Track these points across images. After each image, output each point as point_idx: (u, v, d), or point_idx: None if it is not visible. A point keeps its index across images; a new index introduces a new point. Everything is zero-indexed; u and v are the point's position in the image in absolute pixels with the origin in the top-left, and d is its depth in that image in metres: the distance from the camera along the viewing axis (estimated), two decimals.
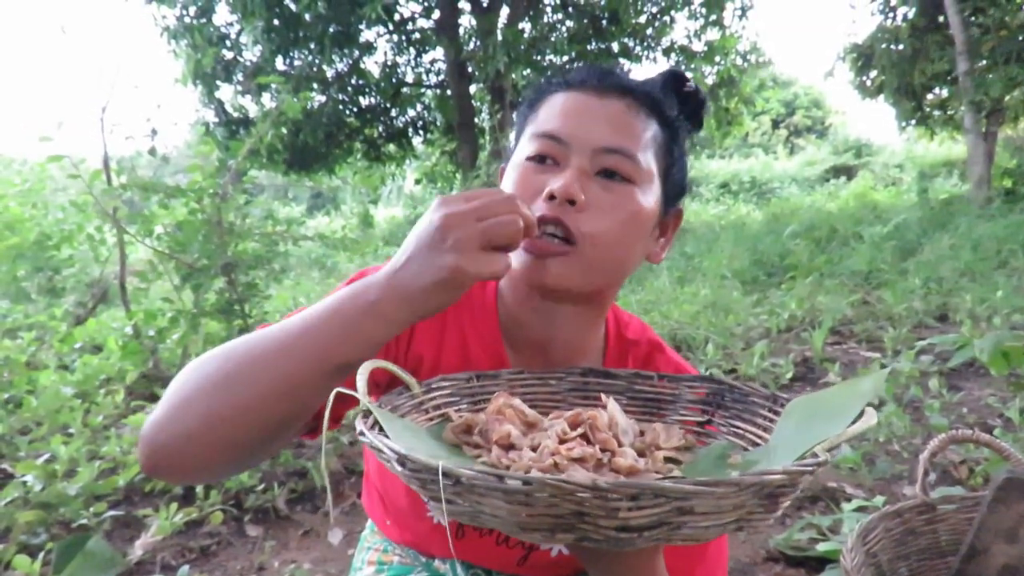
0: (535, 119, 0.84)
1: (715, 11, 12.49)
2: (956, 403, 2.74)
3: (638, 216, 0.80)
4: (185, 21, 9.91)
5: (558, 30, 12.69)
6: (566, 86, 0.84)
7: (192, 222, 2.42)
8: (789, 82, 27.68)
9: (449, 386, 0.79)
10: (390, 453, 0.53)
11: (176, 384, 0.69)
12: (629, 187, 0.78)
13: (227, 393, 0.66)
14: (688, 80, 0.91)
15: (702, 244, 6.68)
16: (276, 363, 0.66)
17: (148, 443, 0.67)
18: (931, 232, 6.50)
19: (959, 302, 4.23)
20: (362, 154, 13.05)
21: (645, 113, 0.82)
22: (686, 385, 0.84)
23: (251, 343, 0.69)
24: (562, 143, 0.79)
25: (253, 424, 0.66)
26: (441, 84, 12.88)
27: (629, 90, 0.82)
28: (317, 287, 5.80)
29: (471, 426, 0.70)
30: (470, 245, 0.62)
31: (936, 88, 11.52)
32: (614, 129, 0.79)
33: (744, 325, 3.96)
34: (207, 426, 0.66)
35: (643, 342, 0.98)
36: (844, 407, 0.62)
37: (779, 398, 0.74)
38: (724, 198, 18.00)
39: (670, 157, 0.84)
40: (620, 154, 0.78)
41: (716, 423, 0.79)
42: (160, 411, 0.68)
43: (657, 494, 0.47)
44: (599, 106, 0.80)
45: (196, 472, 0.73)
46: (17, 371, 3.42)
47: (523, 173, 0.81)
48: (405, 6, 12.05)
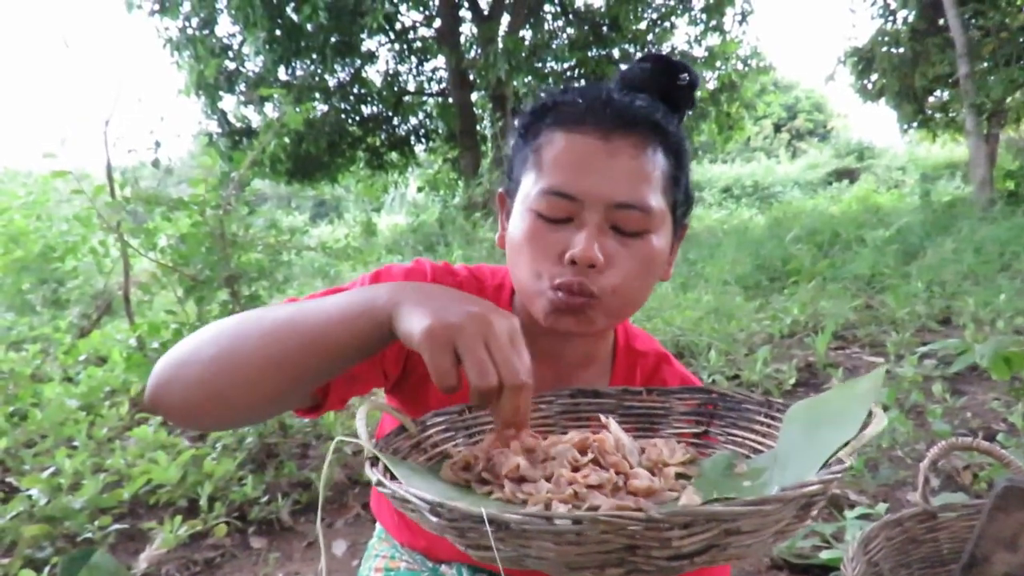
0: (539, 163, 0.81)
1: (715, 16, 12.53)
2: (959, 408, 2.73)
3: (654, 261, 0.81)
4: (188, 33, 9.98)
5: (559, 37, 12.74)
6: (567, 124, 0.80)
7: (195, 235, 2.43)
8: (790, 86, 27.69)
9: (443, 421, 0.78)
10: (421, 504, 0.50)
11: (191, 336, 0.73)
12: (645, 238, 0.79)
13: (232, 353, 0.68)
14: (680, 71, 0.87)
15: (704, 250, 6.68)
16: (280, 337, 0.68)
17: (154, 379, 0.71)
18: (934, 235, 6.49)
19: (962, 306, 4.22)
20: (364, 163, 13.09)
21: (652, 148, 0.79)
22: (676, 397, 0.84)
23: (263, 313, 0.71)
24: (574, 200, 0.77)
25: (249, 386, 0.69)
26: (443, 92, 12.93)
27: (633, 124, 0.79)
28: None
29: (470, 462, 0.69)
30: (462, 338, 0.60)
31: (937, 91, 11.51)
32: (625, 180, 0.77)
33: (747, 331, 3.96)
34: (208, 379, 0.68)
35: (651, 353, 0.99)
36: (847, 410, 0.63)
37: (774, 403, 0.75)
38: (726, 202, 18.01)
39: (677, 186, 0.84)
40: (634, 208, 0.77)
41: (713, 433, 0.79)
42: (172, 354, 0.71)
43: (709, 519, 0.46)
44: (606, 153, 0.77)
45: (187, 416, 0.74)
46: (22, 384, 3.44)
47: (534, 231, 0.79)
48: (406, 15, 12.12)
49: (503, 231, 0.89)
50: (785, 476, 0.61)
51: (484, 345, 0.60)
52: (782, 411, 0.72)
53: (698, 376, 3.34)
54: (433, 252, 7.88)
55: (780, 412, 0.72)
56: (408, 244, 8.63)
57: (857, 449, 0.56)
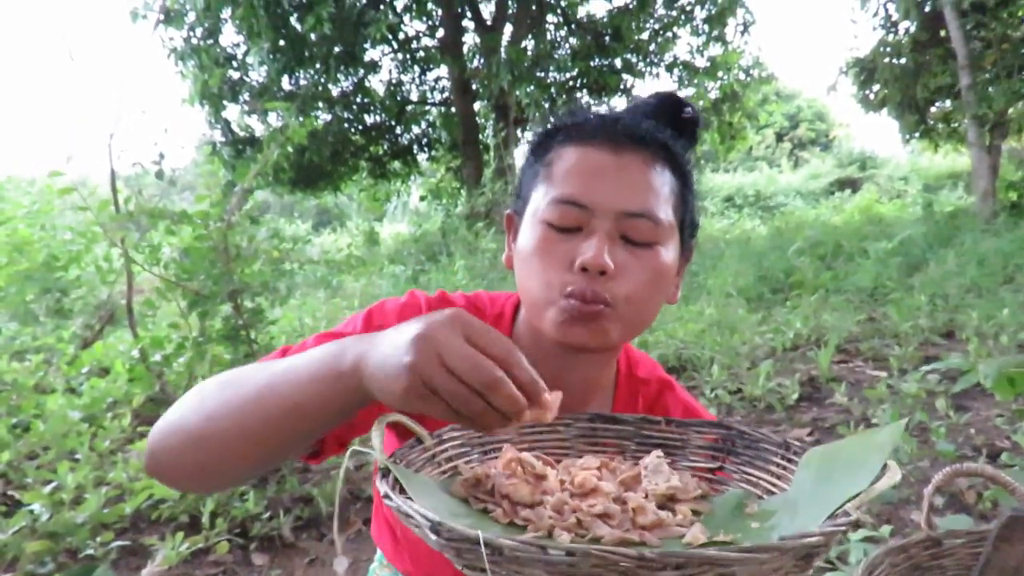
0: (549, 176, 0.82)
1: (717, 27, 12.56)
2: (963, 424, 2.72)
3: (663, 275, 0.81)
4: (192, 43, 10.02)
5: (561, 47, 12.78)
6: (578, 139, 0.83)
7: (199, 249, 2.44)
8: (792, 95, 27.74)
9: (460, 436, 0.78)
10: (422, 520, 0.51)
11: (181, 401, 0.73)
12: (654, 249, 0.79)
13: (215, 424, 0.68)
14: (685, 105, 0.90)
15: (707, 261, 6.68)
16: (258, 407, 0.67)
17: (148, 450, 0.72)
18: (936, 247, 6.48)
19: (965, 319, 4.21)
20: (367, 172, 13.12)
21: (660, 165, 0.82)
22: (694, 430, 0.84)
23: (245, 379, 0.70)
24: (584, 208, 0.78)
25: (234, 456, 0.69)
26: (445, 102, 12.96)
27: (643, 141, 0.81)
28: (323, 307, 5.82)
29: (480, 480, 0.69)
30: (421, 379, 0.56)
31: (939, 101, 11.53)
32: (635, 190, 0.79)
33: (749, 344, 3.96)
34: (195, 449, 0.69)
35: (653, 381, 0.99)
36: (863, 460, 0.63)
37: (791, 445, 0.75)
38: (728, 212, 18.02)
39: (685, 205, 0.85)
40: (643, 218, 0.78)
41: (728, 469, 0.79)
42: (162, 423, 0.72)
43: (703, 562, 0.46)
44: (617, 165, 0.79)
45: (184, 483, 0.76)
46: (25, 395, 3.44)
47: (546, 241, 0.80)
48: (409, 25, 12.17)
49: (510, 251, 0.90)
50: (794, 522, 0.61)
51: (445, 371, 0.55)
52: (799, 454, 0.72)
53: (701, 391, 3.35)
54: (435, 262, 7.89)
55: (797, 455, 0.72)
56: (411, 254, 8.64)
57: (865, 502, 0.56)
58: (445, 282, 6.68)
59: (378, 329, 0.70)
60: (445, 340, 0.56)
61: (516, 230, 0.88)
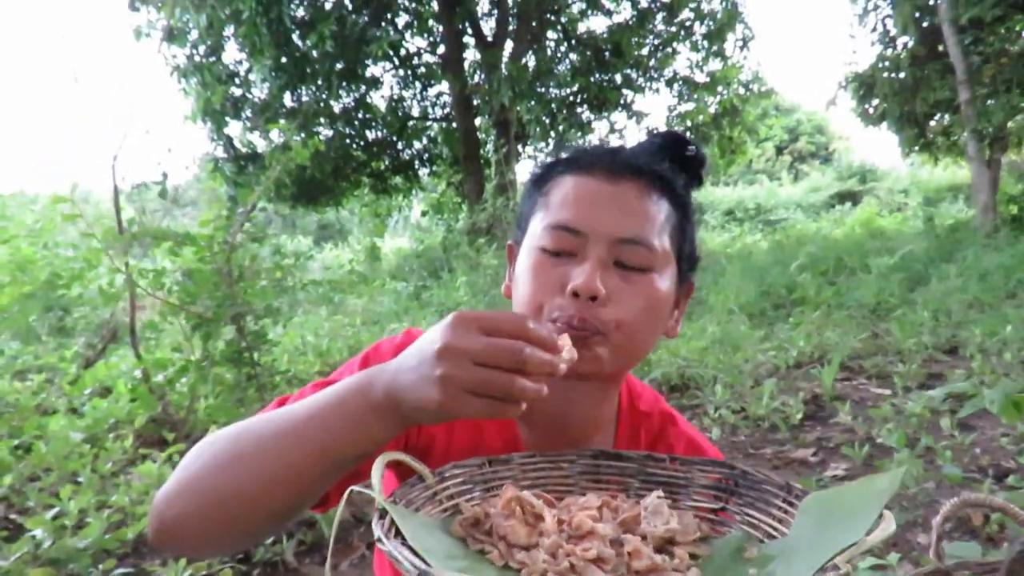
0: (547, 204, 0.84)
1: (717, 42, 12.64)
2: (969, 445, 2.71)
3: (658, 302, 0.81)
4: (195, 60, 10.09)
5: (561, 62, 12.86)
6: (576, 169, 0.84)
7: (202, 271, 2.44)
8: (792, 109, 27.85)
9: (462, 474, 0.78)
10: (410, 568, 0.52)
11: (187, 461, 0.71)
12: (647, 275, 0.79)
13: (233, 477, 0.67)
14: (689, 144, 0.91)
15: (708, 276, 6.67)
16: (278, 451, 0.67)
17: (157, 517, 0.69)
18: (938, 262, 6.48)
19: (968, 336, 4.21)
20: (369, 187, 13.17)
21: (657, 195, 0.82)
22: (698, 469, 0.84)
23: (258, 427, 0.70)
24: (578, 234, 0.79)
25: (257, 507, 0.68)
26: (447, 117, 13.03)
27: (639, 171, 0.82)
28: (325, 324, 5.81)
29: (479, 520, 0.69)
30: (457, 385, 0.59)
31: (938, 115, 11.58)
32: (629, 217, 0.79)
33: (752, 362, 3.95)
34: (213, 506, 0.67)
35: (655, 414, 0.98)
36: (862, 506, 0.63)
37: (793, 488, 0.74)
38: (729, 225, 18.05)
39: (683, 236, 0.85)
40: (637, 244, 0.78)
41: (730, 510, 0.79)
42: (170, 486, 0.70)
43: None
44: (612, 193, 0.80)
45: (201, 547, 0.74)
46: (27, 416, 3.44)
47: (540, 266, 0.81)
48: (410, 42, 12.25)
49: (509, 281, 0.90)
50: (789, 572, 0.61)
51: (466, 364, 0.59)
52: (800, 497, 0.72)
53: (704, 411, 3.34)
54: (437, 278, 7.89)
55: (798, 499, 0.72)
56: (412, 270, 8.65)
57: (856, 556, 0.56)
58: (447, 298, 6.68)
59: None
60: (465, 341, 0.59)
61: (516, 260, 0.89)
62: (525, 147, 13.35)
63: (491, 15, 12.12)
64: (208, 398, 3.16)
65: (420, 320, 5.91)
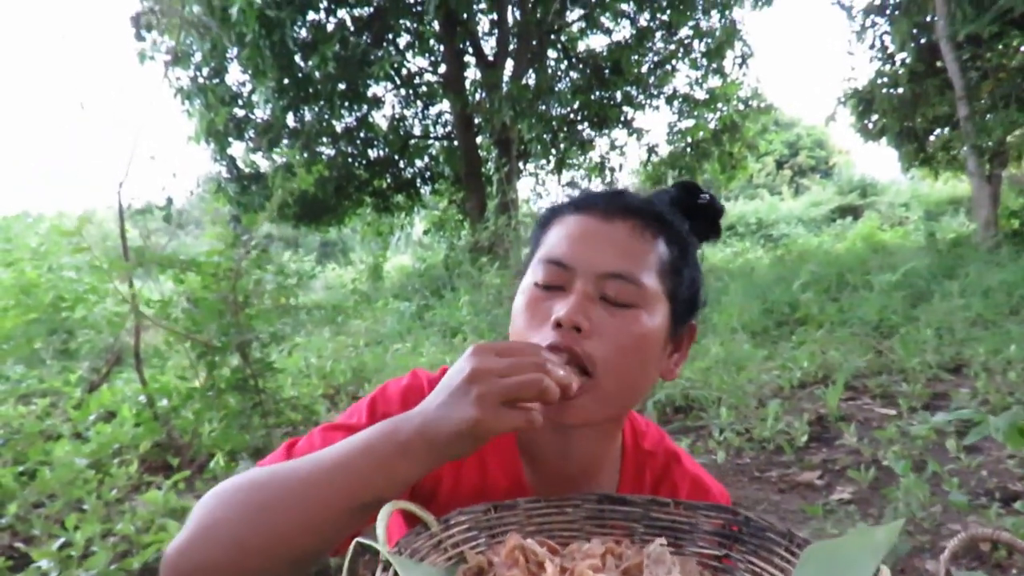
0: (545, 242, 0.85)
1: (716, 60, 12.73)
2: (975, 467, 2.70)
3: (645, 339, 0.80)
4: (199, 82, 10.18)
5: (562, 80, 12.95)
6: (574, 209, 0.86)
7: (207, 300, 2.45)
8: (791, 123, 27.96)
9: (467, 520, 0.78)
10: None
11: (202, 510, 0.70)
12: (634, 311, 0.79)
13: (255, 525, 0.67)
14: (702, 192, 0.92)
15: (711, 294, 6.68)
16: (306, 498, 0.67)
17: (172, 569, 0.68)
18: (940, 278, 6.49)
19: (972, 354, 4.20)
20: (371, 206, 13.22)
21: (651, 233, 0.82)
22: (703, 514, 0.84)
23: (281, 475, 0.70)
24: (567, 269, 0.80)
25: (280, 556, 0.68)
26: (448, 136, 13.10)
27: (635, 211, 0.83)
28: (329, 344, 5.82)
29: (482, 569, 0.70)
30: (492, 400, 0.64)
31: (938, 130, 11.62)
32: (618, 253, 0.80)
33: (756, 382, 3.94)
34: (233, 556, 0.67)
35: (660, 453, 0.99)
36: (860, 560, 0.64)
37: (795, 537, 0.75)
38: (731, 240, 18.07)
39: (678, 276, 0.85)
40: (623, 279, 0.79)
41: (734, 558, 0.79)
42: (185, 537, 0.69)
43: None
44: (604, 230, 0.82)
45: None
46: (31, 442, 3.44)
47: (530, 299, 0.83)
48: (412, 62, 12.36)
49: None
50: None
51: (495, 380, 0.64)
52: (802, 547, 0.72)
53: (709, 433, 3.33)
54: (440, 297, 7.90)
55: (800, 548, 0.73)
56: (415, 289, 8.66)
57: None
58: (450, 317, 6.69)
59: (383, 417, 0.72)
60: (490, 362, 0.65)
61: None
62: (526, 164, 13.42)
63: (492, 34, 12.24)
64: (212, 422, 3.17)
65: (423, 340, 5.92)
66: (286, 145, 11.03)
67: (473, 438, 0.65)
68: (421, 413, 0.67)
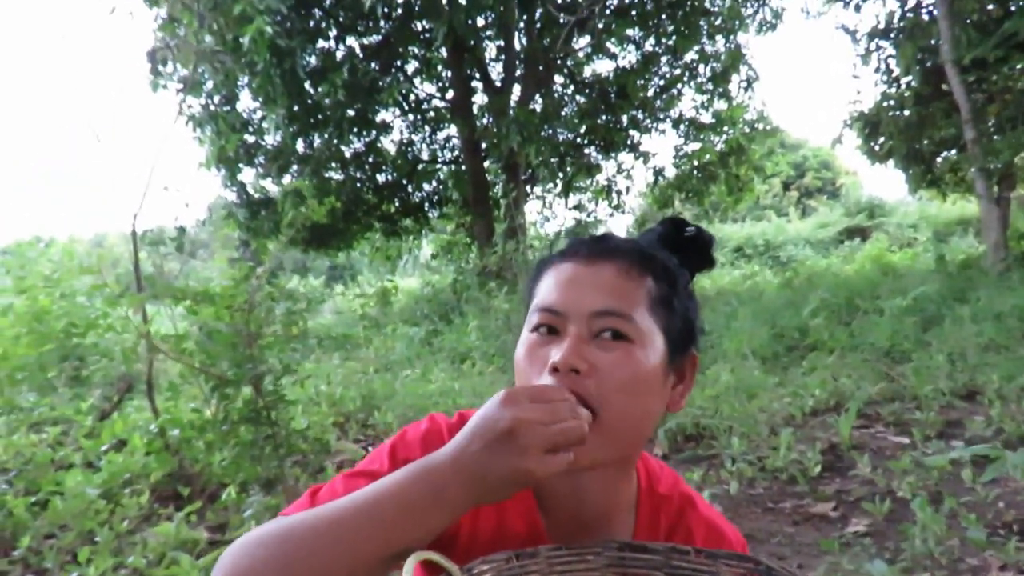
0: (537, 292, 0.88)
1: (721, 84, 12.84)
2: (992, 499, 2.67)
3: (643, 373, 0.81)
4: (210, 109, 10.31)
5: (568, 105, 13.07)
6: (562, 257, 0.88)
7: (222, 333, 2.47)
8: (798, 144, 28.06)
9: (490, 569, 0.78)
10: None
11: (228, 566, 0.70)
12: (628, 345, 0.80)
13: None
14: (687, 226, 0.94)
15: (720, 318, 6.67)
16: (334, 549, 0.67)
17: None
18: (951, 301, 6.46)
19: (985, 380, 4.17)
20: (380, 230, 13.31)
21: (638, 271, 0.84)
22: (724, 563, 0.84)
23: (306, 525, 0.70)
24: (559, 314, 0.82)
25: None
26: (456, 160, 13.21)
27: (619, 253, 0.85)
28: (339, 371, 5.83)
29: None
30: (537, 449, 0.66)
31: (945, 152, 11.63)
32: (605, 293, 0.82)
33: (767, 411, 3.92)
34: None
35: (675, 497, 0.98)
36: None
37: None
38: (739, 262, 18.07)
39: (669, 309, 0.85)
40: (613, 315, 0.80)
41: None
42: None
43: None
44: (590, 273, 0.84)
45: None
46: (43, 471, 3.45)
47: (529, 348, 0.84)
48: (420, 88, 12.50)
49: None
50: None
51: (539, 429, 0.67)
52: None
53: (721, 463, 3.31)
54: (448, 322, 7.91)
55: None
56: (423, 313, 8.69)
57: None
58: (458, 343, 6.69)
59: (404, 463, 0.73)
60: (528, 412, 0.67)
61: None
62: (533, 188, 13.50)
63: (499, 60, 12.38)
64: (223, 450, 3.17)
65: (432, 366, 5.92)
66: (295, 171, 11.14)
67: (518, 486, 0.68)
68: (455, 461, 0.68)
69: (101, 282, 2.74)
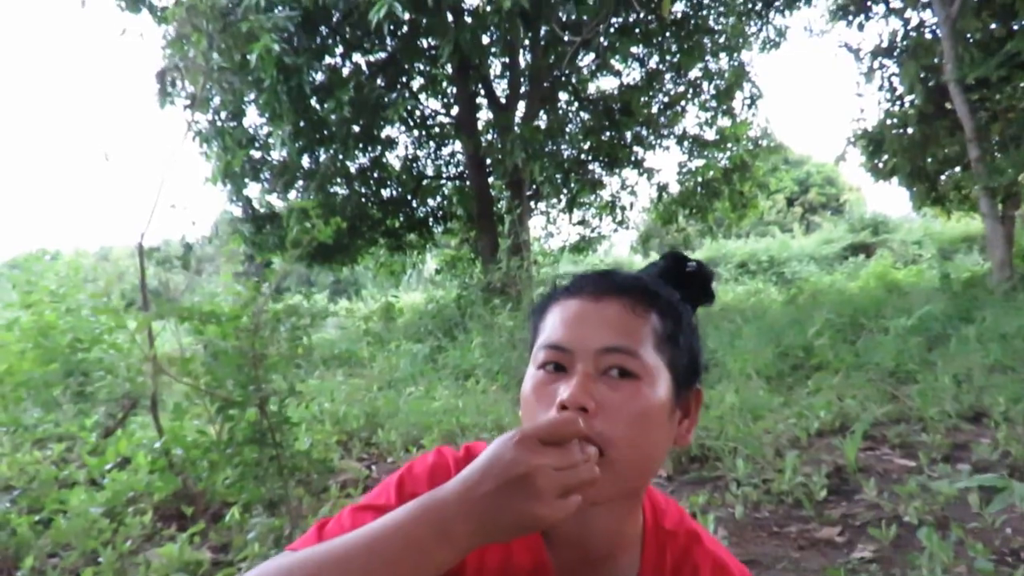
0: (543, 328, 0.88)
1: (725, 101, 12.90)
2: (999, 525, 2.65)
3: (651, 409, 0.82)
4: (217, 125, 10.39)
5: (572, 121, 13.14)
6: (567, 293, 0.89)
7: (227, 354, 2.48)
8: (801, 161, 28.13)
9: None
10: None
11: None
12: (635, 382, 0.81)
13: None
14: (688, 261, 0.95)
15: (724, 337, 6.66)
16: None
17: None
18: (956, 321, 6.44)
19: (992, 402, 4.15)
20: (384, 246, 13.35)
21: (643, 308, 0.85)
22: None
23: (315, 562, 0.70)
24: (566, 351, 0.83)
25: None
26: (460, 176, 13.27)
27: (624, 289, 0.86)
28: (342, 387, 5.83)
29: None
30: (552, 495, 0.67)
31: (949, 170, 11.64)
32: (612, 330, 0.82)
33: (773, 432, 3.91)
34: None
35: (681, 533, 0.98)
36: None
37: None
38: (743, 278, 18.08)
39: (675, 345, 0.86)
40: (621, 352, 0.81)
41: None
42: None
43: None
44: (596, 310, 0.84)
45: None
46: (47, 489, 3.45)
47: (536, 385, 0.85)
48: (425, 104, 12.58)
49: None
50: None
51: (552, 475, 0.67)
52: None
53: (726, 486, 3.29)
54: (453, 338, 7.91)
55: None
56: (427, 329, 8.69)
57: None
58: (462, 360, 6.69)
59: (411, 496, 0.73)
60: (542, 457, 0.67)
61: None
62: (537, 204, 13.55)
63: (503, 77, 12.47)
64: (227, 469, 3.17)
65: (436, 384, 5.92)
66: (300, 187, 11.20)
67: (527, 530, 0.68)
68: (463, 500, 0.68)
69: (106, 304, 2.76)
